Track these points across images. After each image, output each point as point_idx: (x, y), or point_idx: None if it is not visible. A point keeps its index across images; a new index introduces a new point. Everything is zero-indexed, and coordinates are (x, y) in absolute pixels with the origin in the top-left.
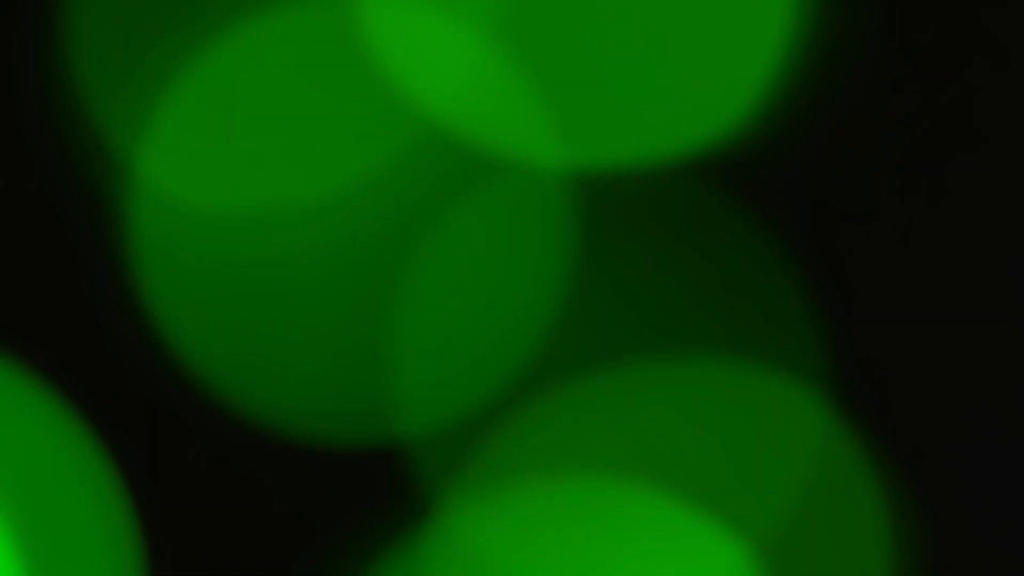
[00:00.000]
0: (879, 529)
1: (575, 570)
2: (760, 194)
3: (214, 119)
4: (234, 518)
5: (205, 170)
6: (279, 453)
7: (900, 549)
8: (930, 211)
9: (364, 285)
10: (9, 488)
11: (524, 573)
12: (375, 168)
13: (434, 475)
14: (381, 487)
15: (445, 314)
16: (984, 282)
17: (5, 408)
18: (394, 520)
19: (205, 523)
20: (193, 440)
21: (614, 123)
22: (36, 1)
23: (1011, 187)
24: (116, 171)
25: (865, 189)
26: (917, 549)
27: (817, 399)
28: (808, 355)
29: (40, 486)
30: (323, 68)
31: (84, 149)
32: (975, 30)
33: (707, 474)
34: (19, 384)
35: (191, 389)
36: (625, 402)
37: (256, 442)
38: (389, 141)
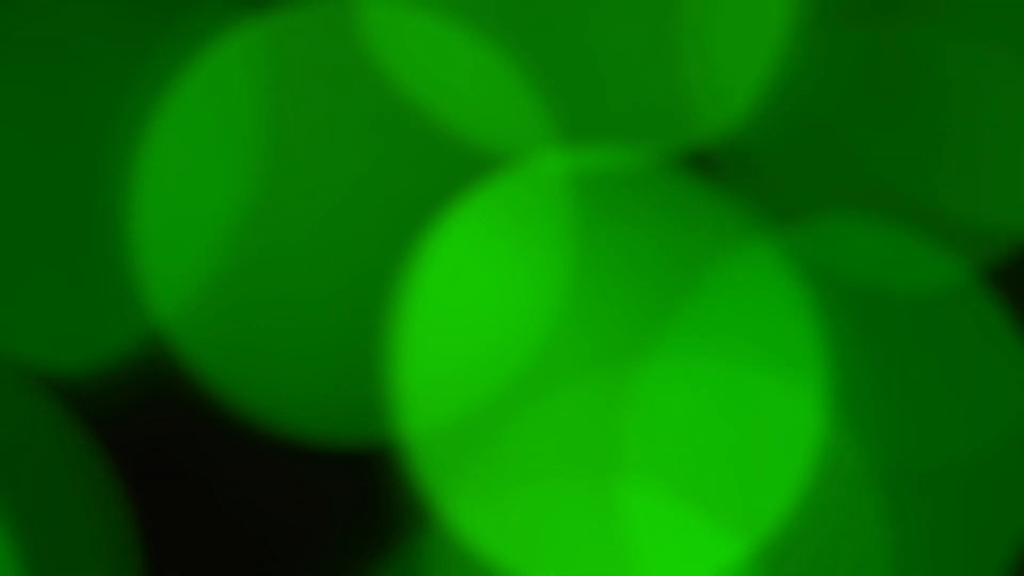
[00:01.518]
0: (879, 529)
1: (575, 570)
2: (760, 192)
3: (214, 119)
4: (233, 517)
5: (205, 170)
6: (278, 452)
7: (900, 549)
8: (925, 205)
9: (364, 284)
10: (9, 488)
11: (524, 573)
12: (375, 168)
13: (434, 475)
14: (380, 487)
15: (445, 314)
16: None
17: (5, 408)
18: (393, 520)
19: (204, 523)
20: (193, 440)
21: (614, 122)
22: (37, 1)
23: (1010, 180)
24: (116, 171)
25: (862, 186)
26: (916, 550)
27: (817, 400)
28: (808, 355)
29: (39, 486)
30: (323, 68)
31: (84, 149)
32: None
33: (707, 474)
34: (19, 384)
35: (191, 388)
36: (625, 402)
37: (255, 442)
38: (389, 141)
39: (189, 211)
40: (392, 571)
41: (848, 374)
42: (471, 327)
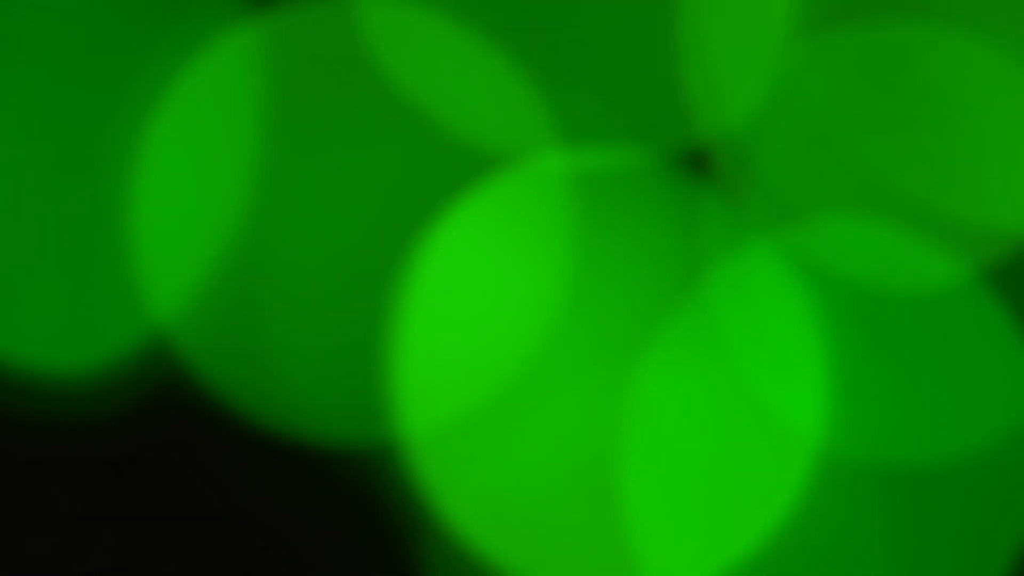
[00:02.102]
0: (879, 529)
1: (575, 570)
2: (760, 192)
3: (214, 119)
4: (232, 517)
5: (205, 170)
6: (278, 453)
7: (900, 549)
8: (925, 205)
9: (364, 284)
10: (9, 489)
11: (524, 573)
12: (375, 167)
13: (434, 475)
14: (380, 487)
15: (445, 313)
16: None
17: (4, 408)
18: (393, 520)
19: (204, 523)
20: (192, 440)
21: (614, 122)
22: (37, 1)
23: (1010, 180)
24: (116, 171)
25: (862, 186)
26: (916, 550)
27: (817, 400)
28: (808, 355)
29: (39, 487)
30: (323, 68)
31: (84, 149)
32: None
33: (707, 474)
34: (19, 384)
35: (190, 388)
36: (625, 401)
37: (255, 442)
38: (389, 140)
39: (189, 211)
40: (392, 571)
41: (848, 374)
42: (471, 327)
